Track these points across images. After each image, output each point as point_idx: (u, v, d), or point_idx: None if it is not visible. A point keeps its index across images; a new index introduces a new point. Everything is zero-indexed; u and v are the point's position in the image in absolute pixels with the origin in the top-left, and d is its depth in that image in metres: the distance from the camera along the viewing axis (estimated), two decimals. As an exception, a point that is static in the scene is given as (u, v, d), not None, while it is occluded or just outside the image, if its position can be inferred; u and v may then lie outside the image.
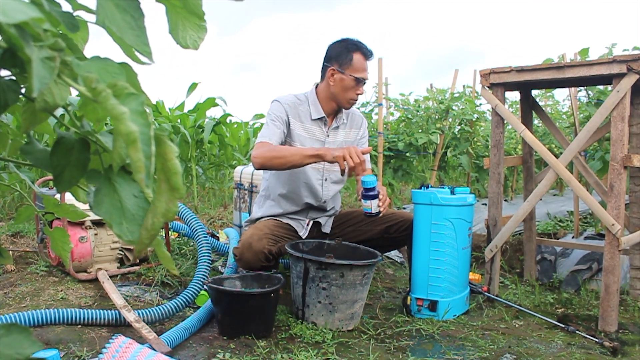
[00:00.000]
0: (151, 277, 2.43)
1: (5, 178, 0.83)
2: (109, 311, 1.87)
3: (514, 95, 6.26)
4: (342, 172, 1.96)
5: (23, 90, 0.54)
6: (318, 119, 2.25)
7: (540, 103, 3.93)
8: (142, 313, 1.89)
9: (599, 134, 2.55)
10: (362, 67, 2.16)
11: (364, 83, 2.19)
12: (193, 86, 5.53)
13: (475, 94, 4.87)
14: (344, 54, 2.16)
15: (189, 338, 1.81)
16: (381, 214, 2.05)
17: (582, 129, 2.21)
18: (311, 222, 2.33)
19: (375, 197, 2.01)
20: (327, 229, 2.35)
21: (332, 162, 2.01)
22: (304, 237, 2.27)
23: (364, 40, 2.30)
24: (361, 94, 2.22)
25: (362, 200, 2.03)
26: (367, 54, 2.19)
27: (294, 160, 2.01)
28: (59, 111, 0.59)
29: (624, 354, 1.86)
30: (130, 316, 1.83)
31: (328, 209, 2.35)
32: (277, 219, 2.28)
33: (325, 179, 2.28)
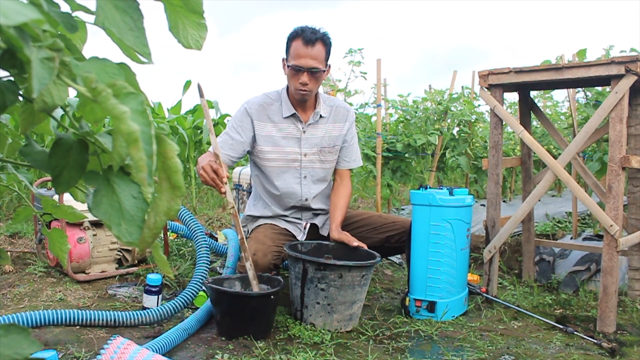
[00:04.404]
0: (150, 278, 2.43)
1: (4, 179, 0.83)
2: (107, 312, 1.87)
3: (512, 97, 6.27)
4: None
5: (21, 91, 0.54)
6: (290, 116, 2.18)
7: (539, 104, 3.94)
8: (141, 314, 1.89)
9: (597, 135, 2.55)
10: (297, 54, 2.03)
11: (303, 71, 2.04)
12: (187, 84, 5.53)
13: (474, 95, 4.87)
14: (287, 43, 2.10)
15: (188, 339, 1.81)
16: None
17: (581, 130, 2.22)
18: (308, 225, 2.29)
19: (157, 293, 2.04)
20: (325, 231, 2.31)
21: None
22: (302, 240, 2.24)
23: (328, 29, 2.08)
24: (305, 83, 2.06)
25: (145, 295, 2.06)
26: (306, 39, 2.01)
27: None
28: (58, 112, 0.59)
29: (622, 355, 1.86)
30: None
31: (314, 207, 2.28)
32: (274, 224, 2.24)
33: (305, 177, 2.23)
